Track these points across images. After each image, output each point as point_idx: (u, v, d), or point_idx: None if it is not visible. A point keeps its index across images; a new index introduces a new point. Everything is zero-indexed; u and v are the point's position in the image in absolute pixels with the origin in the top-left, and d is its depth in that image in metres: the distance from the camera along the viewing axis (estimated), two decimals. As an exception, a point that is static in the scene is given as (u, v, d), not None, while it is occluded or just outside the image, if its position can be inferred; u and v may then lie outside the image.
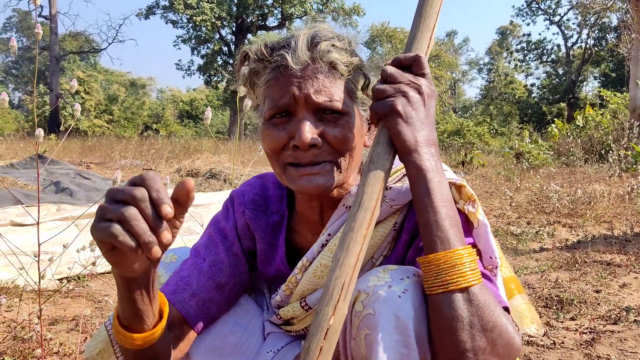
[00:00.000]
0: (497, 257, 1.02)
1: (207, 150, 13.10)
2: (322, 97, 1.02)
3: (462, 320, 0.84)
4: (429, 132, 0.93)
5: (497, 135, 22.53)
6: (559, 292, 2.97)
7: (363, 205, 0.89)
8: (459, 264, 0.86)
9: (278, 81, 1.04)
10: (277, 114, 1.05)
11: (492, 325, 0.85)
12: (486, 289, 0.88)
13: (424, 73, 0.96)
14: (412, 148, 0.91)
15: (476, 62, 51.25)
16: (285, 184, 1.08)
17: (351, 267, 0.86)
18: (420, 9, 1.02)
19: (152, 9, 30.17)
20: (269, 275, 1.28)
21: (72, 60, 43.01)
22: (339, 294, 0.84)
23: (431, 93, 0.95)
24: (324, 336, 0.83)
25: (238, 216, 1.25)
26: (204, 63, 30.10)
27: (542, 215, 5.64)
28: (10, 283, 2.98)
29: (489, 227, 1.03)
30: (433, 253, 0.88)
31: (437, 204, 0.89)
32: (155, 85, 49.59)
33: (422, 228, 0.91)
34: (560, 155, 12.32)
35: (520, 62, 41.61)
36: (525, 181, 8.23)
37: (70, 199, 6.62)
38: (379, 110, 0.94)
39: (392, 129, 0.92)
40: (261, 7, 29.81)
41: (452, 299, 0.85)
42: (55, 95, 27.92)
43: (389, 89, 0.93)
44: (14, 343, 2.10)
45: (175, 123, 35.07)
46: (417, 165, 0.91)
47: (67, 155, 13.16)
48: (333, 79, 1.04)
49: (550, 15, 38.31)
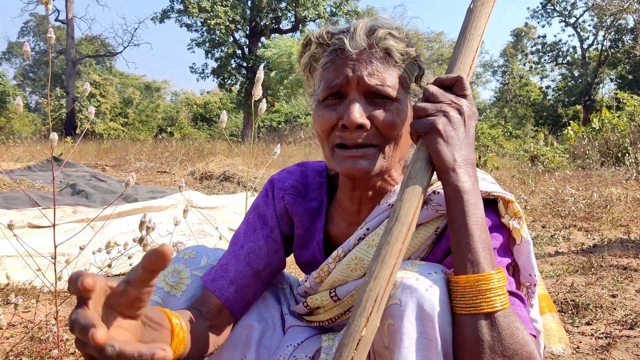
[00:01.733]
0: (536, 275, 1.03)
1: (220, 153, 13.17)
2: (374, 80, 1.05)
3: (483, 344, 0.85)
4: (468, 152, 0.95)
5: (512, 138, 22.37)
6: (575, 296, 2.94)
7: (400, 219, 0.90)
8: (486, 289, 0.87)
9: (334, 63, 1.09)
10: (329, 96, 1.09)
11: (512, 352, 0.86)
12: (512, 314, 0.89)
13: (465, 94, 0.97)
14: (450, 167, 0.93)
15: (490, 64, 50.88)
16: (332, 167, 1.11)
17: (385, 280, 0.87)
18: (464, 31, 1.03)
19: (166, 13, 30.39)
20: (302, 259, 1.31)
21: (88, 64, 43.47)
22: (372, 306, 0.86)
23: (472, 114, 0.97)
24: (355, 346, 0.84)
25: (277, 201, 1.28)
26: (218, 66, 30.24)
27: (558, 219, 5.58)
28: (28, 284, 3.03)
29: (531, 244, 1.04)
30: (463, 274, 0.89)
31: (470, 226, 0.91)
32: (169, 89, 50.00)
33: (454, 248, 0.92)
34: (576, 158, 12.19)
35: (535, 64, 41.21)
36: (540, 184, 8.16)
37: (86, 201, 6.69)
38: (420, 127, 0.95)
39: (432, 147, 0.94)
40: (275, 10, 29.90)
41: (475, 322, 0.87)
42: (72, 99, 28.26)
43: (430, 107, 0.95)
44: (31, 343, 2.13)
45: (189, 126, 35.27)
46: (454, 186, 0.92)
47: (83, 158, 13.30)
48: (387, 65, 1.07)
49: (566, 17, 37.94)
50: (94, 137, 23.55)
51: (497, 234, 1.04)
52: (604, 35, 36.15)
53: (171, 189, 7.96)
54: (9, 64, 55.32)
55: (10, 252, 3.65)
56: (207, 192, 7.89)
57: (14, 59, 55.05)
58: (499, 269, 0.91)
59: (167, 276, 1.21)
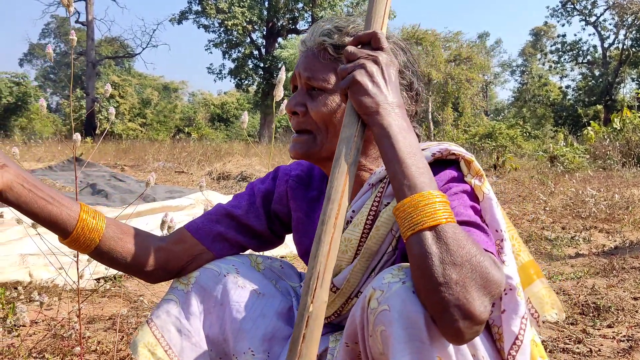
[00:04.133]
0: (502, 231, 1.04)
1: (238, 153, 13.25)
2: (305, 74, 1.18)
3: (432, 256, 0.85)
4: (392, 96, 0.99)
5: (530, 138, 22.11)
6: (596, 299, 2.90)
7: (330, 198, 0.96)
8: (425, 204, 0.88)
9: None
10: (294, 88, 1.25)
11: (463, 260, 0.85)
12: (460, 229, 0.89)
13: (381, 47, 1.02)
14: (373, 110, 0.96)
15: (509, 64, 50.47)
16: None
17: (324, 256, 0.93)
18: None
19: (184, 14, 30.64)
20: (304, 246, 1.34)
21: (107, 65, 44.03)
22: (315, 282, 0.91)
23: (389, 62, 1.01)
24: (305, 324, 0.90)
25: (280, 183, 1.36)
26: (235, 67, 30.40)
27: (578, 220, 5.51)
28: (50, 282, 3.08)
29: (494, 200, 1.06)
30: (401, 200, 0.91)
31: (402, 156, 0.93)
32: (187, 89, 50.36)
33: (392, 181, 0.94)
34: (596, 158, 12.03)
35: (555, 64, 40.72)
36: (560, 185, 8.07)
37: (106, 200, 6.78)
38: (342, 85, 1.00)
39: (354, 99, 0.98)
40: (292, 11, 29.97)
41: (421, 238, 0.87)
42: (92, 100, 28.62)
43: (349, 65, 1.01)
44: (54, 341, 2.16)
45: (207, 126, 35.52)
46: (379, 124, 0.96)
47: (103, 158, 13.48)
48: (321, 59, 1.18)
49: (586, 16, 37.45)
50: (113, 138, 23.84)
51: (462, 183, 1.07)
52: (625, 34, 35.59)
53: (189, 189, 8.03)
54: (31, 65, 56.32)
55: (32, 250, 3.72)
56: (225, 193, 7.94)
57: (35, 61, 56.01)
58: (439, 192, 0.91)
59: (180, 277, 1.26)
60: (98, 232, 1.13)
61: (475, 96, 31.69)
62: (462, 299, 0.84)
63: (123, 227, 1.20)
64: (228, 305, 1.21)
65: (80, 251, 1.15)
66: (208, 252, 1.28)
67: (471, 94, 28.45)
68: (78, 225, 1.10)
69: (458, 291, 0.84)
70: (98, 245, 1.14)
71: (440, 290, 0.84)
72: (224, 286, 1.22)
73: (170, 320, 1.20)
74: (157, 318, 1.21)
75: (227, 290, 1.22)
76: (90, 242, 1.13)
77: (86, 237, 1.12)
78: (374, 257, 1.14)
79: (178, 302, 1.21)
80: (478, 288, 0.85)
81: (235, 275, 1.24)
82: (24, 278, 3.12)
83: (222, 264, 1.26)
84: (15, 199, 1.03)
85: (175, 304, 1.21)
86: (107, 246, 1.16)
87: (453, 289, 0.84)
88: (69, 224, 1.09)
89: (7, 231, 4.15)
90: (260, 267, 1.33)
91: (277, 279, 1.35)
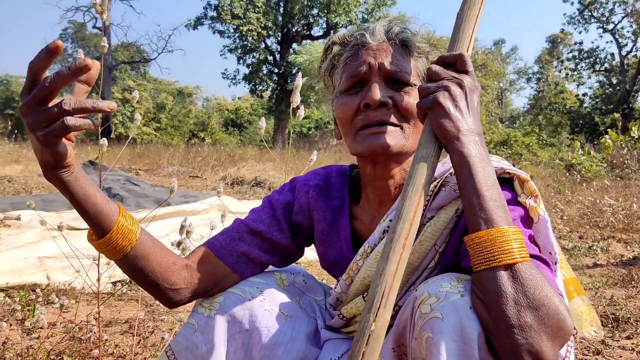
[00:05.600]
0: (556, 253, 1.02)
1: (251, 158, 13.29)
2: (394, 67, 1.13)
3: (507, 296, 0.83)
4: (472, 123, 0.96)
5: (546, 146, 21.90)
6: (615, 309, 2.86)
7: (402, 216, 0.93)
8: (503, 241, 0.87)
9: (356, 55, 1.17)
10: (352, 86, 1.17)
11: (538, 303, 0.83)
12: (535, 268, 0.87)
13: (467, 70, 1.00)
14: (453, 136, 0.94)
15: (525, 71, 50.12)
16: (355, 149, 1.15)
17: (391, 275, 0.90)
18: (462, 11, 1.08)
19: (200, 20, 30.88)
20: (329, 260, 1.31)
21: (123, 70, 44.48)
22: (379, 301, 0.89)
23: (474, 88, 0.99)
24: (366, 342, 0.88)
25: (300, 194, 1.32)
26: (250, 72, 30.53)
27: (596, 230, 5.44)
28: (67, 285, 3.10)
29: (549, 222, 1.03)
30: (476, 232, 0.89)
31: (480, 187, 0.91)
32: (201, 94, 50.64)
33: (467, 210, 0.92)
34: (614, 167, 11.88)
35: (572, 71, 40.34)
36: (577, 194, 7.98)
37: (121, 204, 6.80)
38: (423, 104, 0.98)
39: (435, 121, 0.96)
40: (306, 17, 30.07)
41: (496, 275, 0.85)
42: (108, 104, 28.90)
43: (432, 85, 0.98)
44: (72, 343, 2.18)
45: (220, 131, 35.71)
46: (459, 152, 0.93)
47: (118, 162, 13.59)
48: (405, 55, 1.16)
49: (604, 23, 37.11)
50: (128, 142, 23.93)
51: (516, 206, 1.04)
52: (643, 42, 35.16)
53: (203, 193, 8.06)
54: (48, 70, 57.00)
55: (50, 252, 3.76)
56: (239, 198, 7.96)
57: (53, 65, 56.68)
58: (514, 226, 0.89)
59: (203, 301, 1.21)
60: (132, 237, 1.08)
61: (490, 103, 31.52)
62: (535, 345, 0.82)
63: (153, 239, 1.16)
64: (256, 331, 1.17)
65: (110, 256, 1.09)
66: (232, 274, 1.23)
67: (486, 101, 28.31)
68: (115, 227, 1.05)
69: (532, 336, 0.82)
70: (130, 252, 1.09)
71: (513, 333, 0.83)
72: (250, 311, 1.17)
73: (188, 346, 1.17)
74: (176, 344, 1.18)
75: (254, 315, 1.17)
76: (123, 248, 1.08)
77: (122, 239, 1.07)
78: (414, 272, 1.12)
79: (198, 328, 1.17)
80: (551, 334, 0.83)
81: (261, 298, 1.20)
82: (41, 280, 3.15)
83: (247, 287, 1.21)
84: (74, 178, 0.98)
85: (195, 330, 1.17)
86: (139, 254, 1.10)
87: (526, 333, 0.82)
88: (109, 220, 1.04)
89: (25, 234, 4.20)
90: (285, 283, 1.30)
91: (300, 295, 1.32)
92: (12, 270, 3.22)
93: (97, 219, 1.03)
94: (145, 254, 1.11)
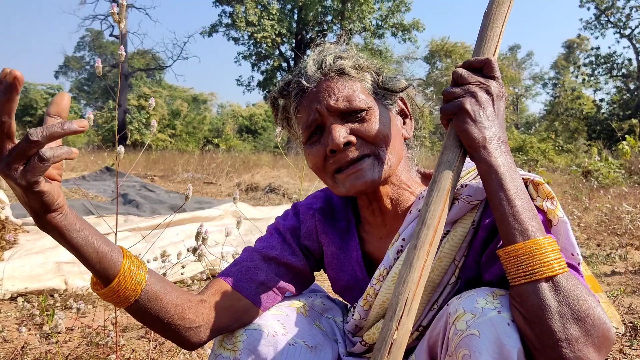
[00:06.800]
0: (578, 254, 1.00)
1: (265, 164, 13.33)
2: (341, 103, 1.11)
3: (551, 309, 0.82)
4: (498, 131, 0.95)
5: (563, 153, 21.67)
6: (633, 318, 2.82)
7: (426, 222, 0.91)
8: (541, 253, 0.85)
9: (302, 104, 1.15)
10: (312, 135, 1.15)
11: (583, 315, 0.82)
12: (575, 278, 0.86)
13: (494, 76, 0.97)
14: (480, 144, 0.92)
15: (540, 76, 49.73)
16: (339, 192, 1.14)
17: (414, 283, 0.88)
18: (488, 13, 1.04)
19: (215, 27, 31.18)
20: (341, 284, 1.29)
21: (139, 77, 44.98)
22: (402, 310, 0.87)
23: (501, 94, 0.97)
24: (388, 351, 0.86)
25: (305, 218, 1.31)
26: (264, 79, 30.75)
27: (614, 237, 5.37)
28: (85, 290, 3.13)
29: (569, 224, 1.01)
30: (512, 244, 0.87)
31: (511, 197, 0.89)
32: (216, 101, 51.06)
33: (499, 222, 0.90)
34: (632, 174, 11.70)
35: (589, 77, 39.96)
36: (595, 201, 7.87)
37: (137, 210, 6.89)
38: (448, 110, 0.96)
39: (460, 127, 0.94)
40: (320, 24, 30.22)
41: (538, 289, 0.84)
42: (123, 111, 29.26)
43: (458, 90, 0.96)
44: (89, 348, 2.20)
45: (235, 138, 35.89)
46: (486, 162, 0.92)
47: (134, 169, 13.71)
48: (345, 83, 1.13)
49: (621, 29, 36.74)
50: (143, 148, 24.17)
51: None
52: (661, 47, 34.73)
53: (218, 199, 8.10)
54: (66, 77, 57.88)
55: (67, 258, 3.80)
56: (253, 204, 7.99)
57: (70, 73, 57.55)
58: (548, 236, 0.88)
59: (223, 340, 1.16)
60: (142, 280, 0.99)
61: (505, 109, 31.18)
62: (584, 357, 0.81)
63: (162, 277, 1.07)
64: None
65: (120, 303, 0.99)
66: (253, 307, 1.17)
67: (501, 106, 28.01)
68: (121, 271, 0.96)
69: (579, 349, 0.81)
70: (141, 295, 0.99)
71: (560, 347, 0.82)
72: (275, 347, 1.12)
73: None
74: None
75: (278, 351, 1.12)
76: (133, 292, 0.98)
77: (131, 282, 0.97)
78: (436, 289, 1.10)
79: None
80: (598, 345, 0.83)
81: (283, 332, 1.15)
82: (59, 286, 3.19)
83: (268, 322, 1.16)
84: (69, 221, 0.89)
85: None
86: (151, 295, 1.01)
87: (574, 346, 0.81)
88: (113, 263, 0.95)
89: (43, 239, 4.25)
90: (306, 308, 1.25)
91: (320, 317, 1.29)
92: (30, 276, 3.26)
93: (100, 265, 0.94)
94: (157, 295, 1.02)
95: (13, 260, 3.54)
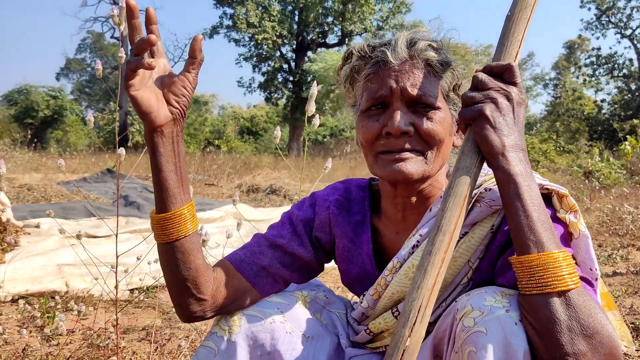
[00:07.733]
0: (596, 269, 1.00)
1: (267, 166, 13.33)
2: (417, 90, 1.09)
3: (560, 323, 0.82)
4: (517, 138, 0.94)
5: (564, 153, 21.65)
6: (635, 319, 2.82)
7: (442, 228, 0.90)
8: (555, 267, 0.85)
9: (377, 75, 1.13)
10: (373, 106, 1.14)
11: (592, 331, 0.82)
12: (587, 294, 0.86)
13: (515, 82, 0.97)
14: (499, 152, 0.92)
15: (541, 77, 49.65)
16: (375, 172, 1.14)
17: (429, 289, 0.87)
18: (511, 17, 1.02)
19: (216, 29, 31.15)
20: (351, 276, 1.30)
21: (140, 79, 44.89)
22: (415, 316, 0.86)
23: (521, 101, 0.96)
24: (400, 357, 0.85)
25: (320, 210, 1.31)
26: (265, 80, 30.70)
27: (615, 238, 5.36)
28: (86, 292, 3.14)
29: (589, 238, 1.01)
30: (526, 255, 0.87)
31: (528, 208, 0.89)
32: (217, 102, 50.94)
33: (514, 232, 0.90)
34: (633, 174, 11.68)
35: (590, 77, 39.90)
36: (596, 201, 7.86)
37: (138, 212, 6.89)
38: (467, 115, 0.95)
39: (479, 133, 0.93)
40: (321, 25, 30.19)
41: (549, 301, 0.84)
42: (125, 113, 29.27)
43: (478, 95, 0.95)
44: (90, 350, 2.20)
45: (236, 139, 35.88)
46: (505, 170, 0.91)
47: (135, 170, 13.72)
48: (428, 75, 1.11)
49: (622, 29, 36.70)
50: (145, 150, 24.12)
51: (556, 224, 1.01)
52: (663, 47, 34.70)
53: (219, 201, 8.10)
54: (67, 79, 57.94)
55: (68, 260, 3.80)
56: (254, 205, 7.99)
57: (72, 75, 57.62)
58: (564, 250, 0.88)
59: (220, 320, 1.18)
60: (189, 227, 1.07)
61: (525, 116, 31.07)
62: None
63: (201, 246, 1.15)
64: (278, 354, 1.14)
65: (162, 236, 1.07)
66: (251, 290, 1.20)
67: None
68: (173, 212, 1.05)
69: None
70: (181, 239, 1.07)
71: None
72: (272, 334, 1.14)
73: None
74: None
75: (275, 338, 1.14)
76: (179, 231, 1.06)
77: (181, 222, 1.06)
78: (447, 288, 1.10)
79: (219, 352, 1.13)
80: None
81: (281, 320, 1.17)
82: (60, 288, 3.19)
83: (267, 309, 1.18)
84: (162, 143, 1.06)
85: (215, 354, 1.13)
86: (184, 248, 1.08)
87: None
88: (172, 202, 1.05)
89: (45, 241, 4.26)
90: (307, 300, 1.27)
91: (321, 310, 1.30)
92: (31, 278, 3.27)
93: (161, 194, 1.05)
94: (189, 250, 1.09)
95: (14, 262, 3.55)
